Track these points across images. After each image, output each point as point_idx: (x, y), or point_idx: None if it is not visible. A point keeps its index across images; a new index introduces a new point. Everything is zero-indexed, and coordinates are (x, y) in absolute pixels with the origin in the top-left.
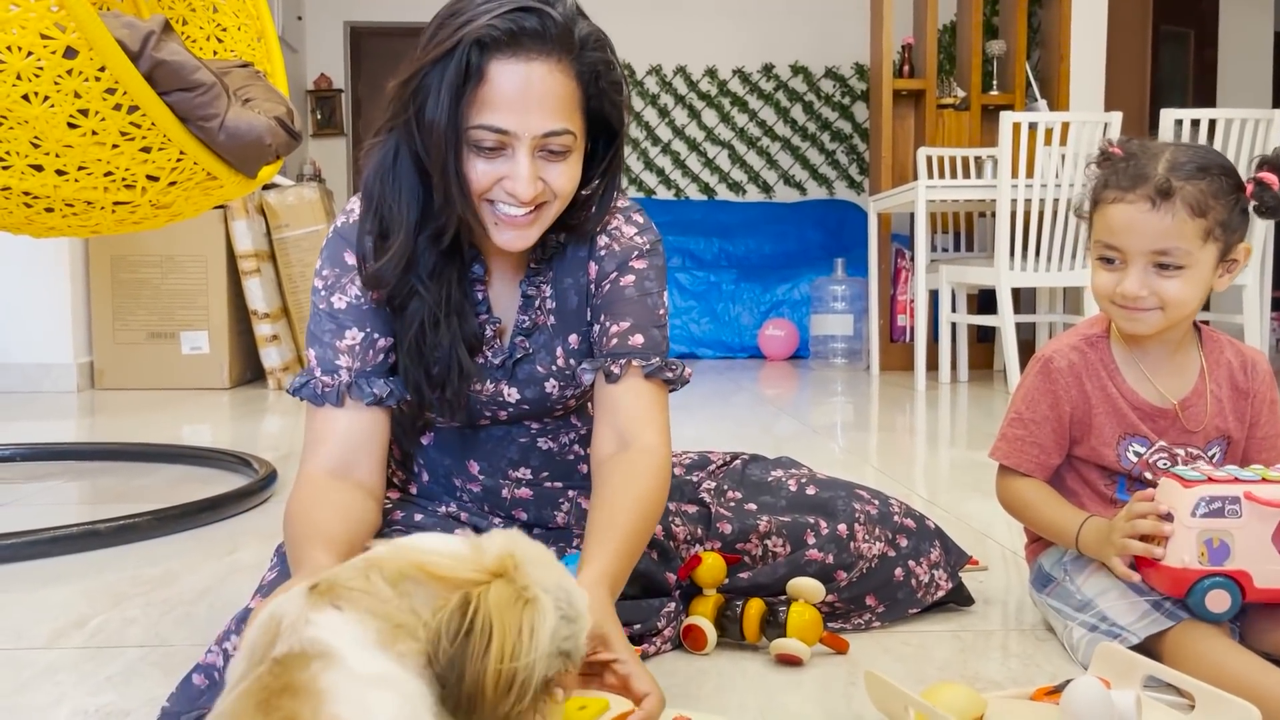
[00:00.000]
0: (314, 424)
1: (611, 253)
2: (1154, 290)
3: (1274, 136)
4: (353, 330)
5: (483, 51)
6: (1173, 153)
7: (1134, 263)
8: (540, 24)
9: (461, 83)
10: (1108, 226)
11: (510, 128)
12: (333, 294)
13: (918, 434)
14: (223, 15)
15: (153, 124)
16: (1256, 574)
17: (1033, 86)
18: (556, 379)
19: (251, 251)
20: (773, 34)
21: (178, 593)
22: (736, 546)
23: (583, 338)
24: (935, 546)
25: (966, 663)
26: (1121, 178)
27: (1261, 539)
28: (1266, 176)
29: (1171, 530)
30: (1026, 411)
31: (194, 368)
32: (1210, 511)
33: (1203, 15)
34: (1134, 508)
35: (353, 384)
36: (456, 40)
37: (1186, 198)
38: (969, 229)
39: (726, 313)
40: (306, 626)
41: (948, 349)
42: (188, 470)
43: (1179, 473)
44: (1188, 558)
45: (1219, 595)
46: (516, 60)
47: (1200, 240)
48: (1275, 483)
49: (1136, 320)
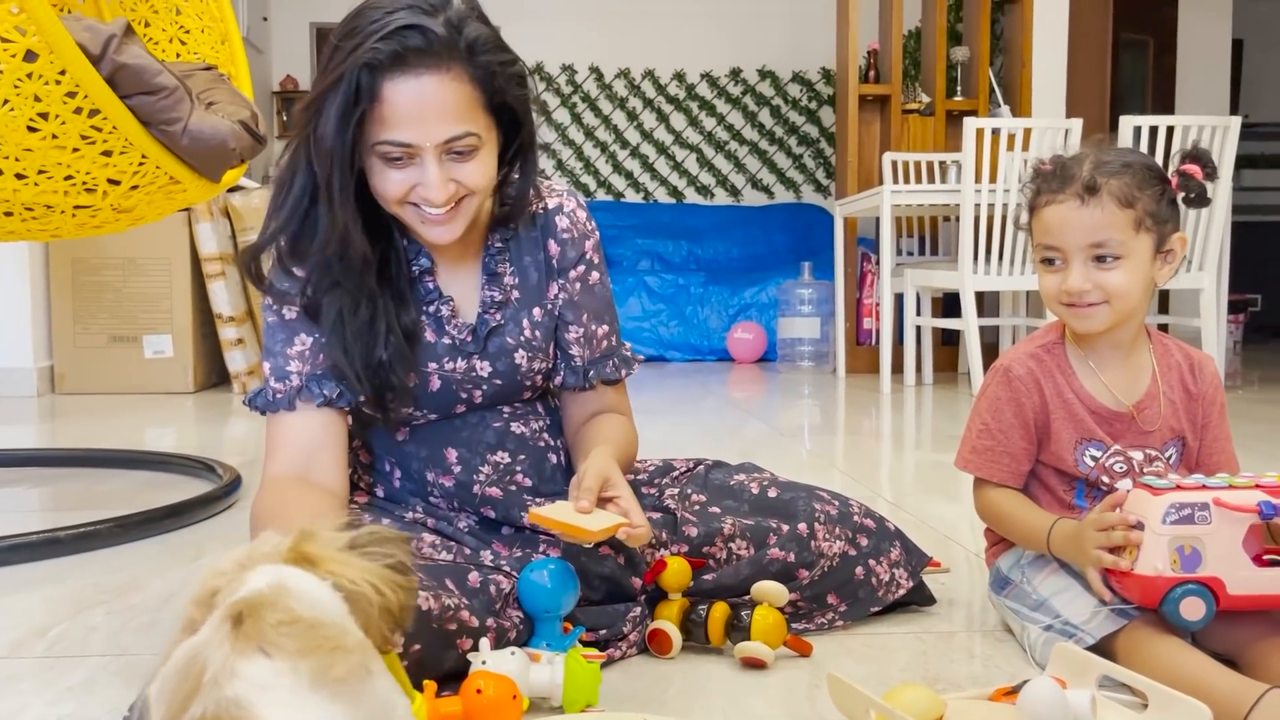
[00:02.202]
0: (271, 432)
1: (572, 237)
2: (1096, 283)
3: (1231, 142)
4: (302, 335)
5: (373, 74)
6: (1097, 154)
7: (1073, 259)
8: (424, 40)
9: (351, 106)
10: (1044, 228)
11: (412, 140)
12: (281, 306)
13: (883, 437)
14: (186, 18)
15: (114, 128)
16: (1229, 580)
17: (996, 93)
18: (525, 349)
19: (216, 254)
20: (740, 38)
21: (140, 601)
22: (702, 550)
23: (545, 311)
24: (895, 546)
25: (928, 664)
26: (1051, 182)
27: (1232, 545)
28: (1189, 168)
29: (1139, 539)
30: (993, 422)
31: (157, 372)
32: (1180, 518)
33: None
34: (1104, 518)
35: (303, 387)
36: (346, 67)
37: (1113, 190)
38: (933, 233)
39: (695, 315)
40: (231, 681)
41: (912, 352)
42: (151, 476)
43: (1148, 482)
44: (1160, 565)
45: (1193, 603)
46: (406, 77)
47: (1132, 230)
48: (1243, 489)
49: (1086, 318)
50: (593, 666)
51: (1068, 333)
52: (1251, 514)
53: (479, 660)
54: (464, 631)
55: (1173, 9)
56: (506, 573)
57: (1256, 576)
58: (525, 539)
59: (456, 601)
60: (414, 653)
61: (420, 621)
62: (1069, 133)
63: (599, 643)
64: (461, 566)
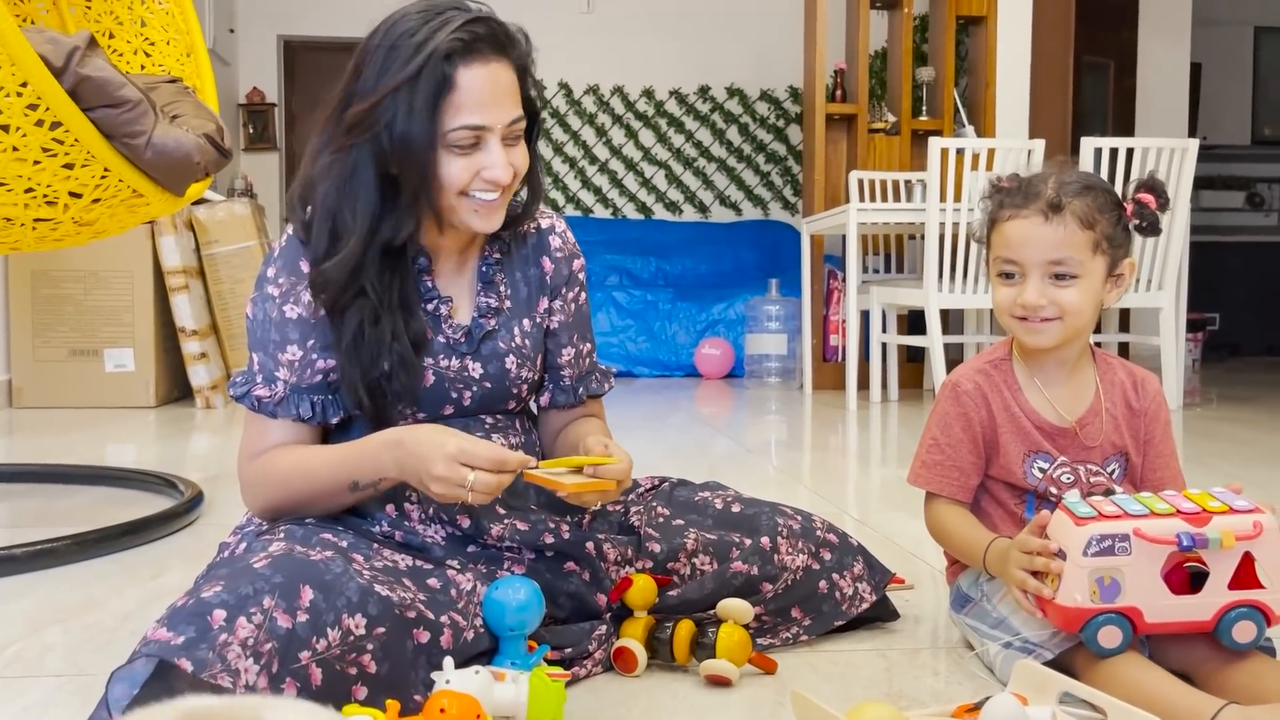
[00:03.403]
0: (252, 427)
1: (564, 256)
2: (1052, 299)
3: (1189, 164)
4: (293, 347)
5: (449, 62)
6: (1059, 175)
7: (1032, 274)
8: (489, 29)
9: (435, 95)
10: (1005, 242)
11: (486, 122)
12: (285, 302)
13: (849, 453)
14: (151, 30)
15: (76, 141)
16: (1146, 609)
17: (960, 113)
18: (515, 355)
19: (180, 267)
20: (709, 56)
21: (99, 619)
22: (666, 566)
23: (534, 324)
24: (858, 561)
25: (892, 681)
26: (1015, 197)
27: (1150, 575)
28: (1144, 197)
29: (1060, 568)
30: (942, 436)
31: (118, 386)
32: (1101, 550)
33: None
34: (1028, 542)
35: (285, 399)
36: (424, 59)
37: (1076, 211)
38: (899, 251)
39: (663, 331)
40: None
41: (878, 368)
42: (110, 492)
43: (1071, 507)
44: (1080, 597)
45: (1110, 631)
46: (478, 64)
47: (1090, 251)
48: (1163, 515)
49: (1038, 332)
50: (557, 685)
51: (1015, 350)
52: (1170, 545)
53: (442, 679)
54: (421, 621)
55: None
56: (468, 578)
57: (1173, 605)
58: (490, 557)
59: (413, 596)
60: (378, 635)
61: (383, 606)
62: (1032, 153)
63: (564, 661)
64: (422, 569)
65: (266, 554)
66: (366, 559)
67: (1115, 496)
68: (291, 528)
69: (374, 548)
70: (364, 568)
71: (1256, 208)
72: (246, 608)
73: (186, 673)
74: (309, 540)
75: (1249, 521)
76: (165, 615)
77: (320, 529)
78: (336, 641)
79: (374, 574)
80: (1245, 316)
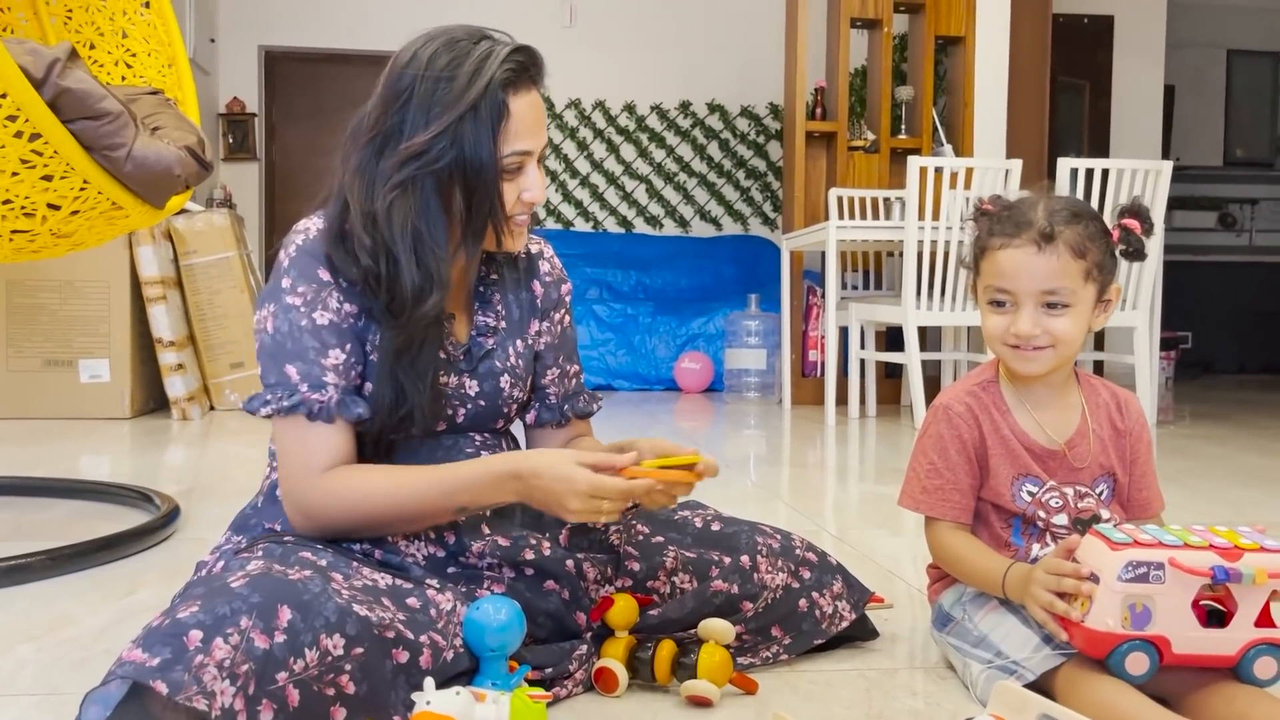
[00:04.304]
0: (306, 437)
1: (554, 278)
2: (1045, 328)
3: (1163, 185)
4: (336, 350)
5: (504, 91)
6: (1048, 202)
7: (1025, 303)
8: (531, 58)
9: (497, 123)
10: (998, 271)
11: (531, 148)
12: (314, 310)
13: (827, 469)
14: (132, 41)
15: (55, 152)
16: (1175, 639)
17: (939, 131)
18: (509, 375)
19: (157, 278)
20: (691, 71)
21: (72, 637)
22: (646, 585)
23: (526, 345)
24: (837, 580)
25: (872, 701)
26: (1006, 225)
27: (1182, 606)
28: (1129, 223)
29: (1091, 591)
30: (940, 460)
31: (93, 397)
32: (1135, 576)
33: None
34: (1057, 564)
35: (341, 401)
36: (483, 88)
37: (1068, 240)
38: (878, 268)
39: (643, 345)
40: None
41: (857, 384)
42: (84, 506)
43: (1105, 533)
44: (1111, 622)
45: (1138, 658)
46: (525, 92)
47: (1082, 280)
48: (1198, 549)
49: (1031, 360)
50: (538, 706)
51: (1001, 372)
52: (1204, 577)
53: (423, 700)
54: (401, 641)
55: (1108, 55)
56: (448, 597)
57: (1201, 637)
58: (470, 576)
59: (392, 616)
60: (356, 656)
61: (361, 626)
62: (1009, 173)
63: (545, 681)
64: (401, 588)
65: (244, 573)
66: (346, 578)
67: (1146, 526)
68: (270, 546)
69: (353, 566)
70: (343, 587)
71: (1228, 228)
72: (223, 628)
73: (161, 695)
74: (287, 559)
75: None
76: (140, 635)
77: (299, 547)
78: (314, 662)
79: (353, 593)
80: (1217, 335)
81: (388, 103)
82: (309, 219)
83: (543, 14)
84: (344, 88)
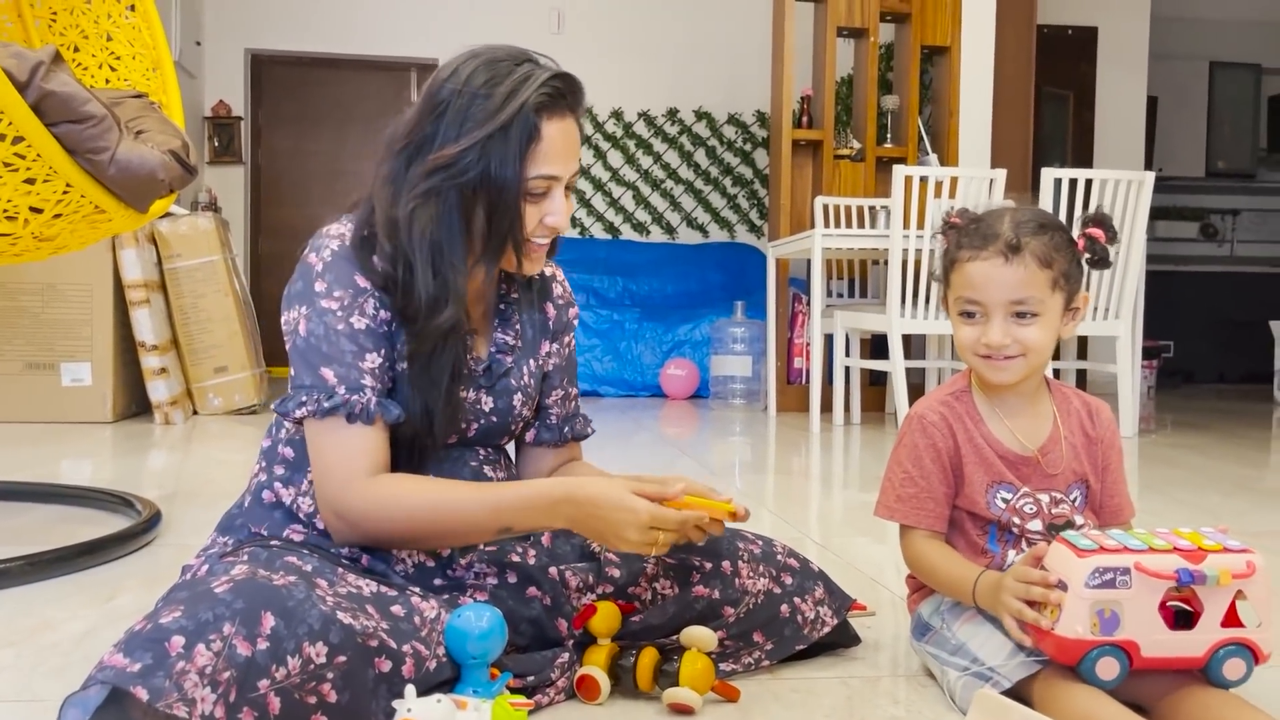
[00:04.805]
0: (345, 440)
1: (565, 301)
2: (1015, 338)
3: (1146, 195)
4: (373, 354)
5: (537, 114)
6: (1014, 214)
7: (994, 314)
8: (569, 86)
9: (526, 145)
10: (967, 282)
11: (560, 173)
12: (351, 314)
13: (812, 477)
14: (117, 44)
15: (38, 155)
16: (1144, 643)
17: (924, 141)
18: (522, 394)
19: (141, 281)
20: (678, 79)
21: (52, 643)
22: (627, 591)
23: (538, 365)
24: (819, 586)
25: (853, 709)
26: (974, 238)
27: (1149, 609)
28: (1094, 231)
29: (1060, 598)
30: (914, 469)
31: (75, 400)
32: (1102, 582)
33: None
34: (1027, 573)
35: (380, 404)
36: (516, 109)
37: (1034, 251)
38: (863, 276)
39: (629, 351)
40: None
41: (841, 392)
42: (65, 511)
43: (1071, 539)
44: (1080, 629)
45: (1108, 663)
46: (560, 118)
47: (1049, 289)
48: (1162, 552)
49: (1002, 370)
50: (520, 714)
51: (974, 381)
52: (1170, 580)
53: (404, 708)
54: (384, 650)
55: (1091, 66)
56: (432, 605)
57: (1168, 640)
58: (454, 584)
59: (375, 625)
60: (339, 664)
61: (345, 634)
62: (994, 182)
63: (526, 689)
64: (386, 595)
65: (228, 578)
66: (330, 584)
67: (1113, 531)
68: (255, 550)
69: (338, 572)
70: (327, 594)
71: (1210, 238)
72: (206, 634)
73: (141, 701)
74: (272, 564)
75: (1243, 561)
76: (122, 640)
77: (285, 552)
78: (296, 670)
79: (337, 600)
80: (1198, 344)
81: (424, 113)
82: (340, 224)
83: (531, 20)
84: (331, 92)
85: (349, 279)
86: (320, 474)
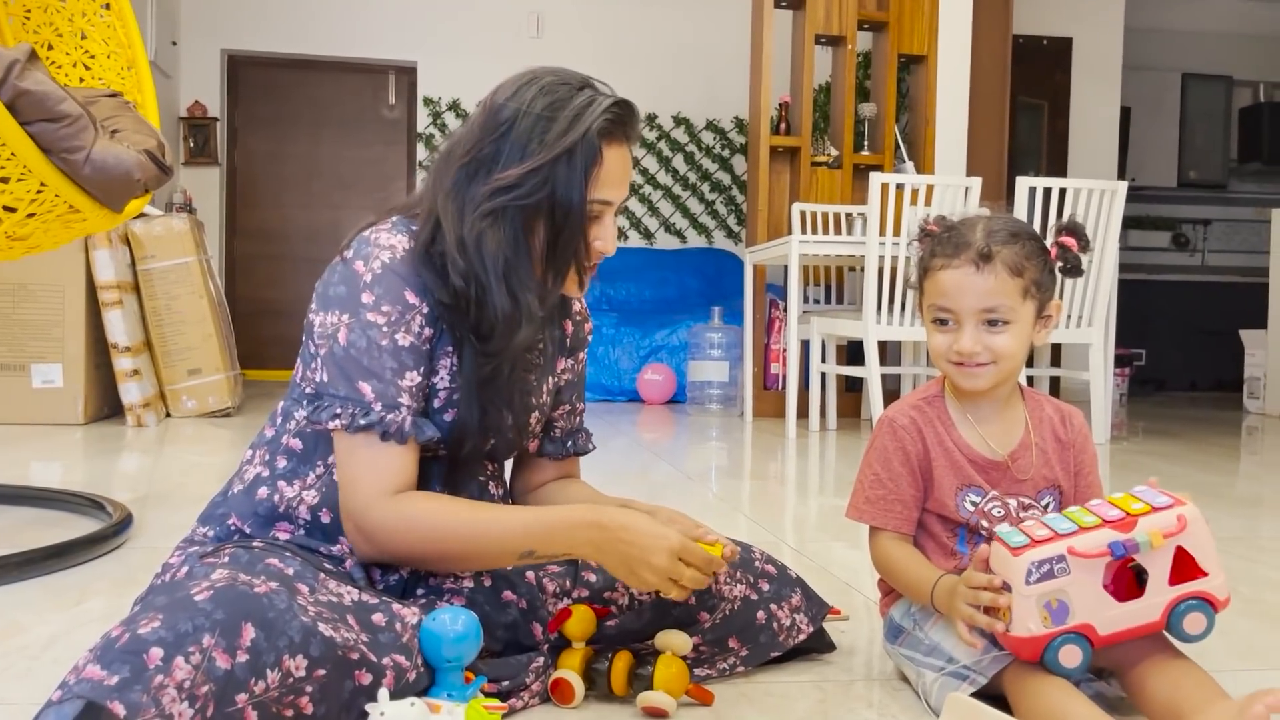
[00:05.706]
0: (377, 457)
1: (582, 317)
2: (986, 345)
3: (1119, 204)
4: (413, 372)
5: (600, 139)
6: (986, 223)
7: (966, 321)
8: (628, 113)
9: (591, 168)
10: (939, 290)
11: (615, 199)
12: (397, 331)
13: (788, 482)
14: (92, 43)
15: (12, 155)
16: (1098, 623)
17: (901, 149)
18: (539, 412)
19: (114, 282)
20: (657, 85)
21: (20, 646)
22: (603, 595)
23: (554, 382)
24: (796, 593)
25: (827, 713)
26: (946, 246)
27: (1094, 589)
28: (1066, 240)
29: (1009, 600)
30: (884, 471)
31: (45, 402)
32: (1042, 575)
33: (1056, 89)
34: (973, 578)
35: (415, 423)
36: (582, 133)
37: (1005, 259)
38: (839, 282)
39: (606, 356)
40: None
41: (818, 397)
42: (35, 513)
43: (1005, 537)
44: (1033, 625)
45: (1070, 651)
46: (620, 144)
47: (1020, 297)
48: (1092, 529)
49: (974, 376)
50: (494, 717)
51: (947, 387)
52: (1104, 556)
53: (377, 711)
54: (364, 663)
55: (1066, 76)
56: (413, 611)
57: (1122, 613)
58: (430, 589)
59: (356, 637)
60: (318, 678)
61: (325, 647)
62: (969, 190)
63: (501, 693)
64: (366, 604)
65: (209, 583)
66: (311, 590)
67: (1045, 517)
68: (237, 551)
69: (320, 578)
70: (308, 602)
71: (1182, 248)
72: (185, 646)
73: (118, 716)
74: (253, 567)
75: (1172, 517)
76: (99, 648)
77: (266, 554)
78: (275, 683)
79: (318, 610)
80: (1170, 352)
81: (486, 131)
82: (388, 233)
83: (510, 26)
84: (307, 93)
85: (399, 294)
86: (346, 486)
